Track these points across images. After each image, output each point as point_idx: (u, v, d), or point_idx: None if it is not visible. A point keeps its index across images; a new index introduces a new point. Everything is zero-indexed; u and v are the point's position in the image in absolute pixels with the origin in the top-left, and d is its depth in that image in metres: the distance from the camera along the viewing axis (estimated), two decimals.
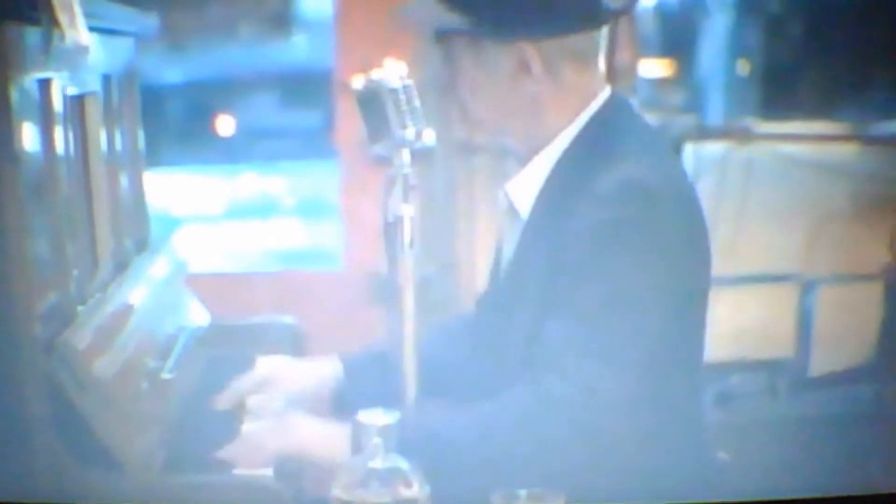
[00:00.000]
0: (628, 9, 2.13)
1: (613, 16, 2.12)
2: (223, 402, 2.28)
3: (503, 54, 2.02)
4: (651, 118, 4.06)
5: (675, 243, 1.96)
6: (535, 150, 2.07)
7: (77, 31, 1.89)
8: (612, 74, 3.62)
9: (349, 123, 3.41)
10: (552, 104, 2.05)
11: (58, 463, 1.85)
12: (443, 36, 2.08)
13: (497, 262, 2.21)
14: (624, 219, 1.92)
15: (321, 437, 2.01)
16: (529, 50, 2.00)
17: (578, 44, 2.04)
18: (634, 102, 2.32)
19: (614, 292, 1.91)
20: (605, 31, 2.09)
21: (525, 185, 2.08)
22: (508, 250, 2.12)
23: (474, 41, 2.03)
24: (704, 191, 3.89)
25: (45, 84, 1.92)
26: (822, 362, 3.98)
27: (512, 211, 2.11)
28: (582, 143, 2.05)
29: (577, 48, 2.05)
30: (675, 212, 1.97)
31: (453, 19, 2.02)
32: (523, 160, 2.09)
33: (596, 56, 2.08)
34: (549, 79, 2.03)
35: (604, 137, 2.04)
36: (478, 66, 2.04)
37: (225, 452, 2.04)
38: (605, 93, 2.08)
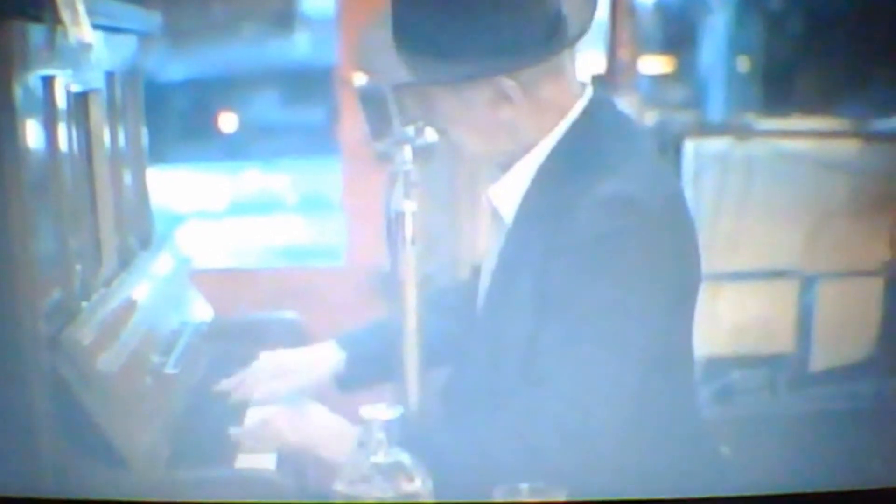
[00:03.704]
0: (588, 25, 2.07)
1: (580, 33, 2.04)
2: (232, 396, 2.30)
3: (481, 90, 1.99)
4: (651, 115, 4.08)
5: (664, 254, 1.97)
6: (516, 158, 2.06)
7: (80, 28, 1.90)
8: (612, 72, 3.65)
9: (351, 120, 3.42)
10: (531, 122, 2.02)
11: (62, 458, 1.86)
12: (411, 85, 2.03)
13: (483, 263, 2.20)
14: (613, 234, 1.91)
15: (329, 430, 2.02)
16: (507, 82, 1.98)
17: (552, 64, 2.01)
18: (618, 101, 2.28)
19: (607, 307, 1.91)
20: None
21: (507, 191, 2.07)
22: (493, 253, 2.12)
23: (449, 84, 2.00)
24: (705, 187, 3.91)
25: (48, 81, 1.93)
26: (822, 358, 3.97)
27: (496, 215, 2.11)
28: (564, 149, 2.03)
29: (552, 68, 2.02)
30: (662, 222, 1.97)
31: (425, 72, 1.98)
32: (504, 166, 2.08)
33: (571, 65, 2.05)
34: (528, 102, 2.00)
35: (586, 142, 2.02)
36: (455, 102, 2.01)
37: (233, 436, 2.06)
38: (586, 97, 2.06)
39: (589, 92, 2.07)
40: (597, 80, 2.13)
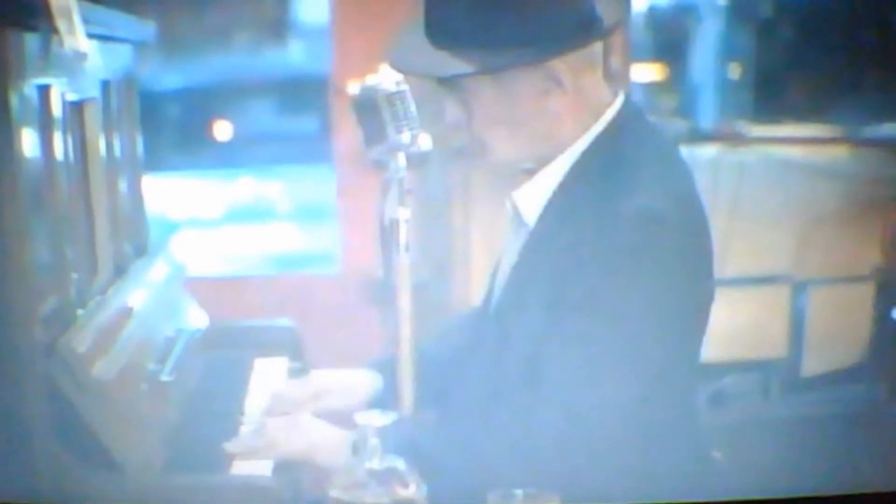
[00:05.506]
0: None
1: (616, 22, 2.05)
2: (277, 409, 2.26)
3: (531, 78, 1.98)
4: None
5: (686, 270, 1.97)
6: (545, 163, 2.05)
7: (76, 37, 1.90)
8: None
9: (346, 128, 3.42)
10: (571, 117, 2.02)
11: (58, 464, 1.86)
12: (454, 79, 2.00)
13: (499, 266, 2.19)
14: (637, 248, 1.91)
15: (323, 439, 2.03)
16: (559, 66, 1.97)
17: (594, 51, 2.03)
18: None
19: (619, 321, 1.91)
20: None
21: (533, 195, 2.06)
22: (511, 256, 2.11)
23: (494, 75, 1.98)
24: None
25: (44, 90, 1.93)
26: (814, 362, 3.99)
27: (517, 219, 2.10)
28: (593, 155, 2.03)
29: (594, 56, 2.03)
30: (687, 238, 1.97)
31: (471, 64, 1.96)
32: (531, 172, 2.07)
33: (601, 63, 2.07)
34: (575, 90, 2.00)
35: (616, 150, 2.02)
36: (500, 97, 1.99)
37: (231, 446, 2.07)
38: (618, 102, 2.06)
39: (621, 98, 2.07)
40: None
